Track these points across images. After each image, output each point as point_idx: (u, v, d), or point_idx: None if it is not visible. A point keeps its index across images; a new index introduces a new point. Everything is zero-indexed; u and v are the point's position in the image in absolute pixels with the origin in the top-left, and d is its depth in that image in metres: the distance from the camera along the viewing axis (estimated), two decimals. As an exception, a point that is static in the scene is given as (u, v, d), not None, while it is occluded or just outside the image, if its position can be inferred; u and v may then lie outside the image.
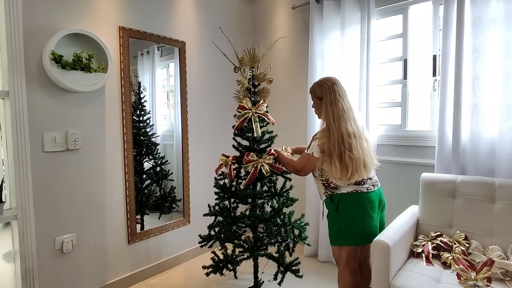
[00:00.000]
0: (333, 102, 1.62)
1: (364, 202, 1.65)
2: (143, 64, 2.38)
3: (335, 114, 1.61)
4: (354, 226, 1.65)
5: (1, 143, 1.78)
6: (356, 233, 1.65)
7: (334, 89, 1.64)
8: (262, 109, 1.98)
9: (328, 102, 1.63)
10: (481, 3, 1.90)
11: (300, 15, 2.90)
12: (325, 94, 1.66)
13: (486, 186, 1.79)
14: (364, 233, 1.65)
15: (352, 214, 1.65)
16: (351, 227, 1.65)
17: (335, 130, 1.58)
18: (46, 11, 1.84)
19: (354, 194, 1.65)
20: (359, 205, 1.65)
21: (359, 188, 1.65)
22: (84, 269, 2.07)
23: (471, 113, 1.97)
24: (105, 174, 2.15)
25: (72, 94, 1.96)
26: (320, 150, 1.63)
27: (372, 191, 1.68)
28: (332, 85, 1.66)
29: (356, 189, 1.65)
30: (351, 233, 1.65)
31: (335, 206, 1.67)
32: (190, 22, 2.69)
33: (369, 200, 1.66)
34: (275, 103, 3.04)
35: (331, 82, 1.67)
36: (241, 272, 2.45)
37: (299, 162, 1.77)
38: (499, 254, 1.61)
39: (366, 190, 1.66)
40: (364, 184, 1.66)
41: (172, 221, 2.59)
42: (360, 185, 1.65)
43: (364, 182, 1.66)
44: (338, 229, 1.68)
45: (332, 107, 1.62)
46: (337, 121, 1.59)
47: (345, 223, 1.66)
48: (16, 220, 1.69)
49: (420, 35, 2.34)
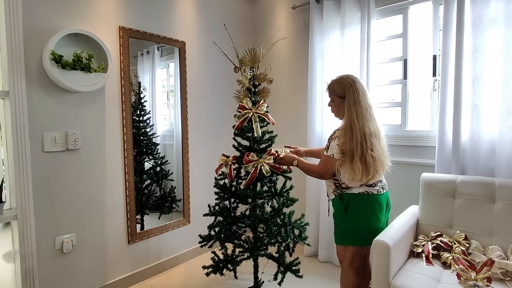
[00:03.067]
0: (357, 101, 1.58)
1: (374, 204, 1.65)
2: (143, 64, 2.38)
3: (359, 113, 1.56)
4: (361, 226, 1.65)
5: (1, 143, 1.78)
6: (362, 234, 1.65)
7: (357, 87, 1.60)
8: (262, 109, 1.98)
9: (352, 101, 1.58)
10: (481, 3, 1.90)
11: (300, 15, 2.90)
12: (348, 93, 1.61)
13: (486, 186, 1.78)
14: (370, 234, 1.63)
15: (360, 215, 1.64)
16: (359, 228, 1.65)
17: (357, 130, 1.54)
18: (46, 11, 1.84)
19: (365, 195, 1.64)
20: (368, 206, 1.64)
21: (370, 190, 1.64)
22: (84, 269, 2.07)
23: (471, 113, 1.97)
24: (105, 174, 2.15)
25: (72, 94, 1.96)
26: (340, 150, 1.59)
27: (381, 193, 1.68)
28: (354, 83, 1.61)
29: (368, 191, 1.64)
30: (358, 234, 1.65)
31: (344, 205, 1.66)
32: (190, 22, 2.69)
33: (379, 202, 1.66)
34: (275, 103, 3.04)
35: (352, 80, 1.62)
36: (241, 272, 2.45)
37: (321, 166, 1.70)
38: (499, 254, 1.61)
39: (376, 192, 1.65)
40: (375, 186, 1.66)
41: (172, 221, 2.59)
42: (372, 187, 1.65)
43: (375, 184, 1.66)
44: (344, 228, 1.67)
45: (356, 106, 1.57)
46: (361, 121, 1.55)
47: (352, 223, 1.65)
48: (16, 220, 1.68)
49: (420, 35, 2.34)
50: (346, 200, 1.65)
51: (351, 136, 1.55)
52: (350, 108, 1.59)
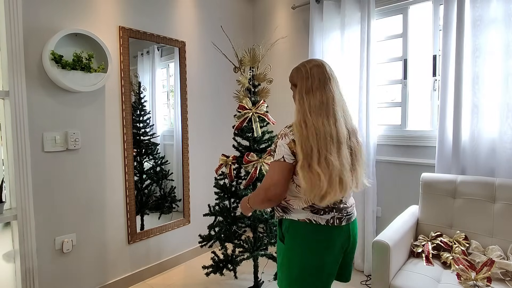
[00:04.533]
0: (310, 90, 1.19)
1: (318, 237, 1.19)
2: (143, 64, 2.38)
3: (312, 104, 1.17)
4: (294, 265, 1.21)
5: (1, 143, 1.78)
6: (295, 276, 1.21)
7: (313, 74, 1.20)
8: (262, 109, 1.98)
9: (304, 90, 1.20)
10: (481, 3, 1.90)
11: (300, 15, 2.90)
12: (300, 79, 1.23)
13: (486, 186, 1.79)
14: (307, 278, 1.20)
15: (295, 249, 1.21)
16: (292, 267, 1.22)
17: (311, 125, 1.14)
18: (46, 11, 1.84)
19: (305, 225, 1.19)
20: (308, 239, 1.20)
21: (315, 218, 1.18)
22: (84, 269, 2.07)
23: (471, 113, 1.97)
24: (105, 174, 2.15)
25: (72, 94, 1.96)
26: (290, 150, 1.17)
27: (336, 225, 1.20)
28: (311, 69, 1.21)
29: (311, 219, 1.18)
30: (291, 275, 1.22)
31: (281, 233, 1.27)
32: (190, 22, 2.69)
33: (327, 237, 1.20)
34: (275, 103, 3.04)
35: (312, 65, 1.23)
36: (241, 272, 2.45)
37: (266, 178, 1.22)
38: (499, 254, 1.61)
39: (325, 222, 1.18)
40: (325, 213, 1.19)
41: (172, 221, 2.59)
42: (318, 213, 1.19)
43: (327, 210, 1.19)
44: (280, 264, 1.28)
45: (309, 96, 1.19)
46: (314, 114, 1.16)
47: (286, 259, 1.24)
48: (16, 220, 1.69)
49: (420, 35, 2.34)
50: (285, 226, 1.25)
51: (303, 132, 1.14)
52: (302, 98, 1.20)
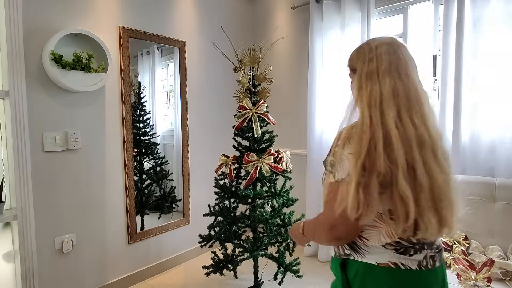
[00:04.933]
0: (374, 74, 0.83)
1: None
2: (143, 64, 2.38)
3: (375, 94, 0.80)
4: None
5: (1, 143, 1.78)
6: None
7: (379, 54, 0.84)
8: (262, 109, 1.98)
9: (364, 74, 0.84)
10: (481, 3, 1.90)
11: (300, 15, 2.90)
12: (361, 61, 0.87)
13: (486, 186, 1.78)
14: None
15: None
16: None
17: (374, 123, 0.77)
18: (46, 11, 1.84)
19: (389, 273, 0.81)
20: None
21: (404, 261, 0.80)
22: (84, 269, 2.07)
23: (471, 113, 1.97)
24: (105, 174, 2.15)
25: (72, 94, 1.96)
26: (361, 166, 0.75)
27: (429, 269, 0.82)
28: (377, 47, 0.85)
29: (397, 262, 0.80)
30: None
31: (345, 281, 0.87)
32: (190, 22, 2.69)
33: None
34: (275, 103, 3.04)
35: (378, 43, 0.87)
36: (241, 272, 2.45)
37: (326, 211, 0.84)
38: (499, 254, 1.61)
39: (417, 266, 0.81)
40: (415, 252, 0.81)
41: (172, 221, 2.59)
42: (407, 253, 0.80)
43: (418, 248, 0.81)
44: None
45: (372, 82, 0.82)
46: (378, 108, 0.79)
47: None
48: (16, 220, 1.68)
49: (420, 35, 2.34)
50: (353, 274, 0.85)
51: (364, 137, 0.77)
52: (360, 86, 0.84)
